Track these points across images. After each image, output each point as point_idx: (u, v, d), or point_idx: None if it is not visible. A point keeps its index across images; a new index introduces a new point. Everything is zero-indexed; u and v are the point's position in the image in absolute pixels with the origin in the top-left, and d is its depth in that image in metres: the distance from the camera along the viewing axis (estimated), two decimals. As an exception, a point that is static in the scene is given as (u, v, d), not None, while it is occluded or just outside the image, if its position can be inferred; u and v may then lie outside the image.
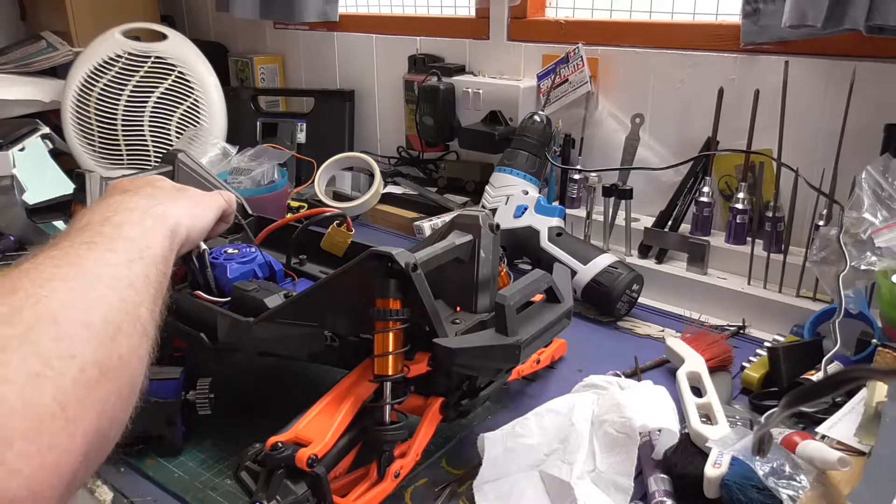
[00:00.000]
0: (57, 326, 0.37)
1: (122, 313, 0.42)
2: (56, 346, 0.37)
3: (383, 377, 0.58)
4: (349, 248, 0.82)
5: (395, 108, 1.54)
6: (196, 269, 0.73)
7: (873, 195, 0.79)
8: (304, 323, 0.65)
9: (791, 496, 0.54)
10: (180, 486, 0.64)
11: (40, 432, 0.34)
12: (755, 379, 0.76)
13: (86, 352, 0.38)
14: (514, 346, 0.58)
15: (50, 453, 0.34)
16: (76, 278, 0.42)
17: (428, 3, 1.51)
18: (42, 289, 0.39)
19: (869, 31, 0.85)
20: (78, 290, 0.41)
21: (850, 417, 0.66)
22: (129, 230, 0.50)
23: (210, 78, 1.50)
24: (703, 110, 1.05)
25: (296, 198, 1.37)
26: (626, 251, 1.07)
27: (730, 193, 1.08)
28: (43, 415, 0.34)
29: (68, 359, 0.37)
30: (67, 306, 0.39)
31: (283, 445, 0.53)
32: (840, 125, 0.88)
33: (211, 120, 1.48)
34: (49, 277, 0.41)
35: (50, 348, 0.36)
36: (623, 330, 0.93)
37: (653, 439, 0.64)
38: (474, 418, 0.73)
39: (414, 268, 0.56)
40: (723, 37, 1.06)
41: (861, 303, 0.76)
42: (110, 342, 0.40)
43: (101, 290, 0.42)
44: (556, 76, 1.21)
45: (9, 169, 1.14)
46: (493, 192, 1.10)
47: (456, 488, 0.64)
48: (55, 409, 0.35)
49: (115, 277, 0.44)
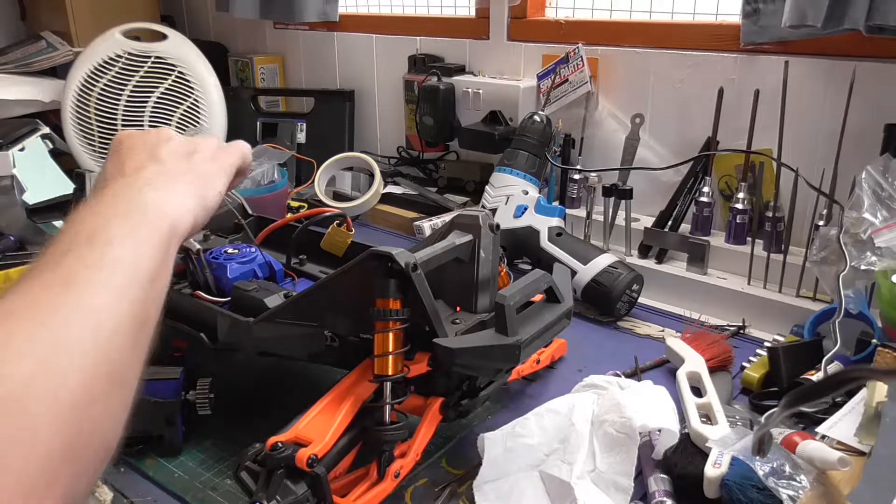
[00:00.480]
0: (23, 416, 0.33)
1: (100, 376, 0.37)
2: (18, 434, 0.32)
3: (383, 377, 0.58)
4: (349, 248, 0.81)
5: (395, 108, 1.54)
6: (196, 269, 0.73)
7: (873, 195, 0.79)
8: (304, 323, 0.65)
9: (791, 496, 0.54)
10: (180, 486, 0.64)
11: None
12: (755, 379, 0.76)
13: (52, 439, 0.34)
14: (514, 346, 0.58)
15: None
16: (48, 340, 0.36)
17: (428, 3, 1.51)
18: (8, 364, 0.34)
19: (869, 31, 0.85)
20: (48, 360, 0.35)
21: (850, 417, 0.66)
22: (118, 249, 0.43)
23: (210, 78, 1.49)
24: (703, 110, 1.05)
25: (296, 198, 1.37)
26: (626, 251, 1.07)
27: (730, 193, 1.08)
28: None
29: (29, 447, 0.33)
30: (33, 383, 0.34)
31: (283, 445, 0.53)
32: (840, 125, 0.88)
33: (211, 120, 1.48)
34: (15, 337, 0.35)
35: (10, 437, 0.32)
36: (623, 330, 0.93)
37: (653, 439, 0.64)
38: (474, 418, 0.73)
39: (414, 268, 0.56)
40: (723, 37, 1.06)
41: (861, 303, 0.76)
42: (85, 417, 0.36)
43: (76, 353, 0.37)
44: (556, 76, 1.21)
45: (9, 169, 1.14)
46: (493, 192, 1.10)
47: (456, 488, 0.64)
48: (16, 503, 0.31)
49: (95, 329, 0.38)
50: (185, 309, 0.73)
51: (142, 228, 0.46)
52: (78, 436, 0.35)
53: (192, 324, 0.72)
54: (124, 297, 0.41)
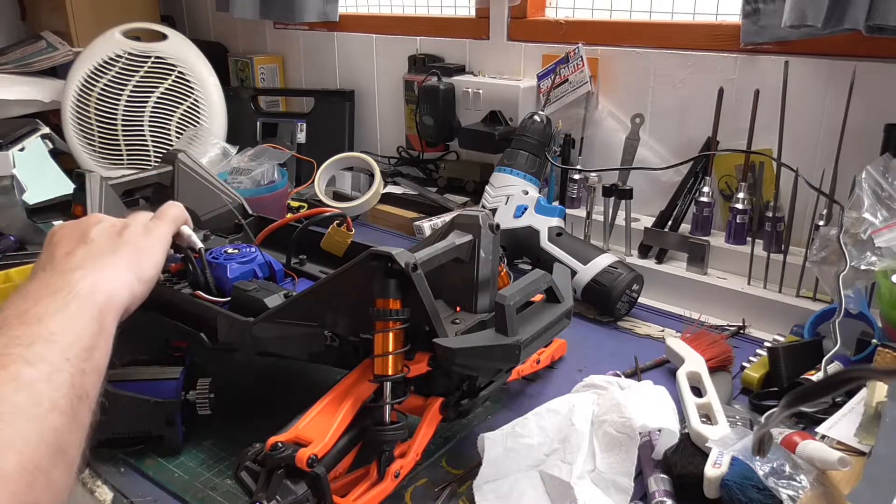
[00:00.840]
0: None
1: (41, 449, 0.37)
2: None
3: (383, 377, 0.58)
4: (349, 248, 0.82)
5: (395, 108, 1.54)
6: (196, 269, 0.73)
7: (873, 195, 0.79)
8: (304, 323, 0.65)
9: (791, 496, 0.54)
10: (180, 486, 0.64)
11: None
12: (755, 379, 0.76)
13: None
14: (514, 346, 0.58)
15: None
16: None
17: (428, 3, 1.51)
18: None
19: (869, 31, 0.85)
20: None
21: (850, 417, 0.66)
22: (50, 324, 0.44)
23: (210, 78, 1.50)
24: (703, 110, 1.05)
25: (296, 198, 1.37)
26: (626, 251, 1.07)
27: (730, 193, 1.08)
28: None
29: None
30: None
31: (283, 445, 0.53)
32: (840, 125, 0.88)
33: (211, 120, 1.48)
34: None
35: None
36: (623, 330, 0.93)
37: (653, 439, 0.64)
38: (474, 418, 0.73)
39: (414, 268, 0.56)
40: (723, 37, 1.06)
41: (861, 303, 0.76)
42: (25, 491, 0.35)
43: (16, 427, 0.37)
44: (556, 76, 1.21)
45: (9, 169, 1.14)
46: (493, 192, 1.10)
47: (456, 488, 0.64)
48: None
49: (33, 402, 0.39)
50: (185, 309, 0.73)
51: (71, 304, 0.47)
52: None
53: (192, 324, 0.72)
54: (61, 370, 0.42)
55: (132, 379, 0.66)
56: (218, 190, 0.92)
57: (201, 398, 0.67)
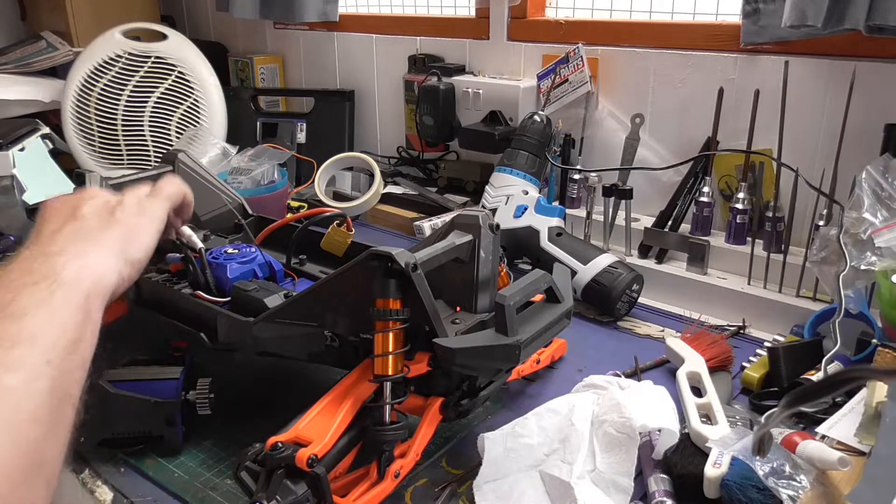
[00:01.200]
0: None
1: (16, 463, 0.36)
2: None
3: (383, 377, 0.58)
4: (349, 248, 0.82)
5: (395, 108, 1.54)
6: (196, 269, 0.73)
7: (873, 195, 0.79)
8: (304, 323, 0.65)
9: (791, 496, 0.54)
10: (180, 486, 0.64)
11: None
12: (755, 379, 0.76)
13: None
14: (514, 346, 0.58)
15: None
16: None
17: (428, 3, 1.51)
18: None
19: (869, 31, 0.85)
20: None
21: (850, 417, 0.66)
22: (31, 321, 0.42)
23: (210, 78, 1.50)
24: (703, 110, 1.05)
25: (296, 198, 1.38)
26: (626, 251, 1.07)
27: (730, 193, 1.08)
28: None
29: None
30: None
31: (283, 445, 0.53)
32: (840, 125, 0.88)
33: (211, 120, 1.48)
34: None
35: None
36: (623, 330, 0.93)
37: (653, 439, 0.64)
38: (474, 418, 0.73)
39: (414, 268, 0.56)
40: (723, 37, 1.06)
41: (861, 303, 0.76)
42: (5, 501, 0.35)
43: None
44: (556, 76, 1.21)
45: (9, 169, 1.14)
46: (493, 192, 1.10)
47: (456, 488, 0.64)
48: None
49: (11, 410, 0.37)
50: (185, 309, 0.73)
51: (56, 294, 0.45)
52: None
53: (192, 324, 0.72)
54: (41, 377, 0.40)
55: (132, 379, 0.66)
56: (218, 190, 0.93)
57: (201, 398, 0.67)
